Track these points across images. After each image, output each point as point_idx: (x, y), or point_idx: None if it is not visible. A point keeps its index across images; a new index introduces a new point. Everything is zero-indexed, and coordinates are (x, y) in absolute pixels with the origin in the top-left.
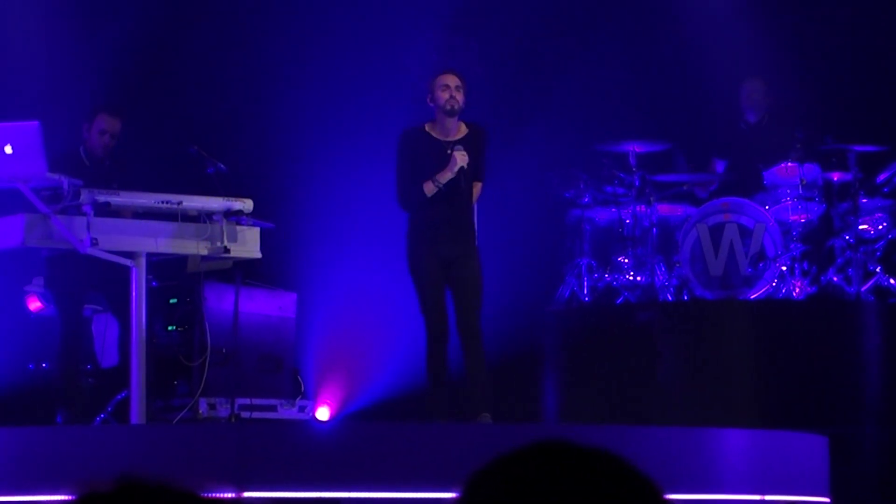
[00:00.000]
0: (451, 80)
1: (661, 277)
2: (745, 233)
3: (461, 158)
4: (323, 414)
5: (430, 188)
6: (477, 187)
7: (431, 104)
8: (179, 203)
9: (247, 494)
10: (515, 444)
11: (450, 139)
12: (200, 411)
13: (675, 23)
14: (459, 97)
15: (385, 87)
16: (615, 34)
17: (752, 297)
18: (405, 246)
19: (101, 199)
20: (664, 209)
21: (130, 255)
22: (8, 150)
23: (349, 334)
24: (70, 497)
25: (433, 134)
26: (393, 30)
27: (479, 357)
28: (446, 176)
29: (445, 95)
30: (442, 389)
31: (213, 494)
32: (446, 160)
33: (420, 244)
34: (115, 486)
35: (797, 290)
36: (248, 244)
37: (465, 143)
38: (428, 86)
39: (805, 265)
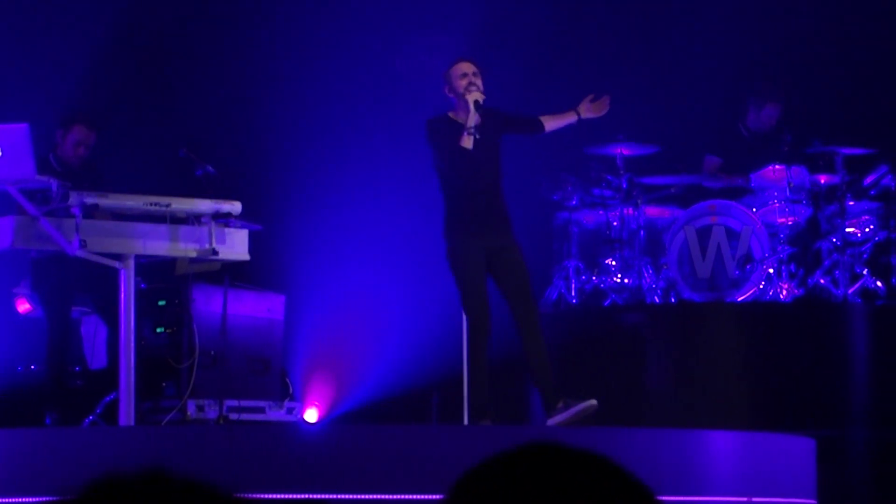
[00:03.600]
0: (469, 68)
1: (648, 280)
2: (733, 235)
3: (472, 96)
4: (311, 416)
5: (466, 140)
6: (547, 120)
7: (451, 94)
8: (168, 205)
9: (229, 495)
10: (504, 446)
11: (471, 125)
12: (189, 413)
13: (665, 25)
14: (479, 83)
15: (374, 88)
16: (603, 37)
17: (740, 299)
18: (444, 240)
19: (90, 201)
20: (652, 212)
21: (119, 257)
22: None
23: (337, 336)
24: (88, 484)
25: (458, 120)
26: (382, 31)
27: (540, 345)
28: (471, 119)
29: (464, 82)
30: (481, 389)
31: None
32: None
33: (462, 237)
34: (138, 477)
35: (784, 292)
36: (236, 246)
37: (484, 126)
38: (443, 77)
39: (792, 267)
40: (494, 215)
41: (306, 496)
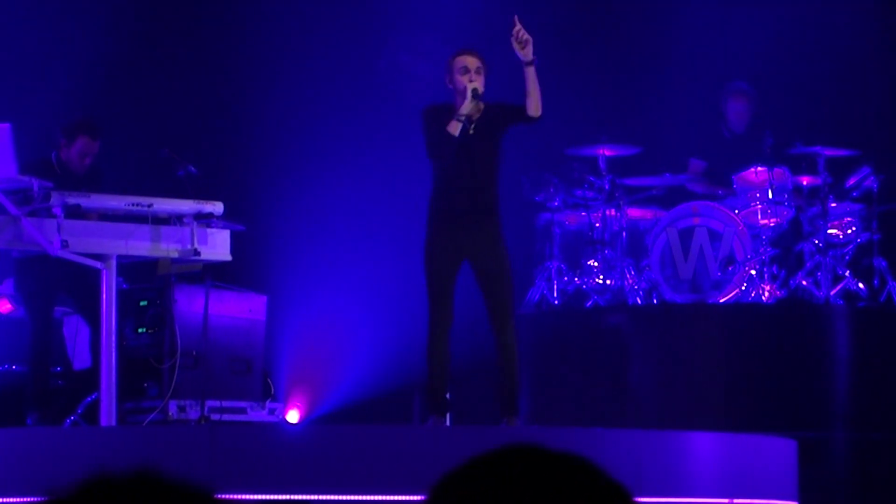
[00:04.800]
0: (471, 63)
1: (630, 281)
2: (715, 237)
3: (471, 84)
4: (293, 416)
5: (454, 126)
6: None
7: (450, 86)
8: (150, 205)
9: (216, 497)
10: (485, 447)
11: (472, 117)
12: (170, 413)
13: (647, 25)
14: (480, 82)
15: (356, 88)
16: (586, 37)
17: (722, 300)
18: (424, 232)
19: (72, 201)
20: (634, 213)
21: (101, 257)
22: None
23: (320, 337)
24: (79, 483)
25: (456, 107)
26: (362, 32)
27: (509, 356)
28: (466, 107)
29: (465, 80)
30: (437, 384)
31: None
32: (467, 132)
33: (437, 232)
34: (130, 476)
35: (766, 294)
36: (218, 247)
37: (484, 120)
38: (446, 65)
39: (774, 269)
40: (479, 212)
41: (288, 497)
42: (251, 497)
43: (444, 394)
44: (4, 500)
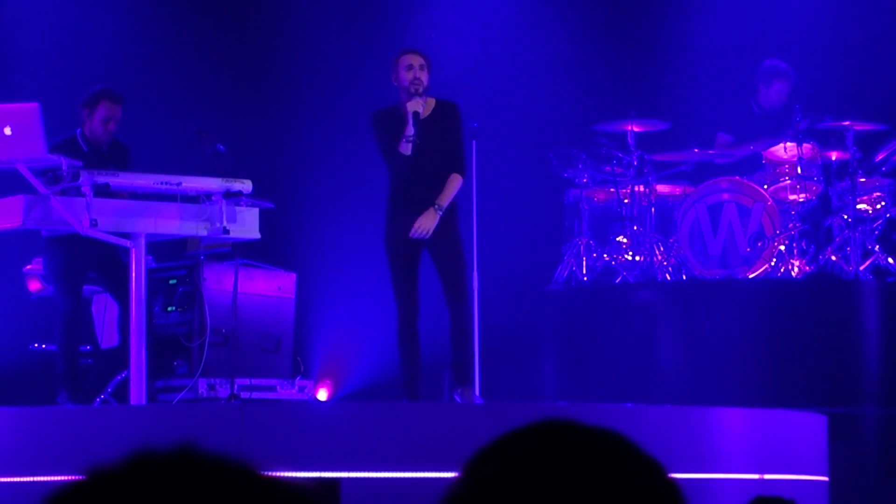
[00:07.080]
0: (415, 60)
1: (659, 257)
2: (744, 212)
3: (412, 105)
4: (322, 394)
5: (405, 147)
6: (455, 181)
7: (395, 84)
8: (179, 184)
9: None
10: (515, 423)
11: (409, 134)
12: (200, 391)
13: (676, 0)
14: (424, 77)
15: (385, 65)
16: (614, 13)
17: (751, 276)
18: (383, 225)
19: (101, 180)
20: (662, 189)
21: (130, 236)
22: (7, 131)
23: (349, 314)
24: (119, 462)
25: (402, 112)
26: (394, 8)
27: (461, 328)
28: (409, 128)
29: (409, 76)
30: (412, 370)
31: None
32: (414, 133)
33: (393, 223)
34: (173, 453)
35: (795, 269)
36: (247, 225)
37: (432, 119)
38: (391, 63)
39: (803, 244)
40: (429, 201)
41: (318, 474)
42: (281, 475)
43: (416, 382)
44: (36, 478)
